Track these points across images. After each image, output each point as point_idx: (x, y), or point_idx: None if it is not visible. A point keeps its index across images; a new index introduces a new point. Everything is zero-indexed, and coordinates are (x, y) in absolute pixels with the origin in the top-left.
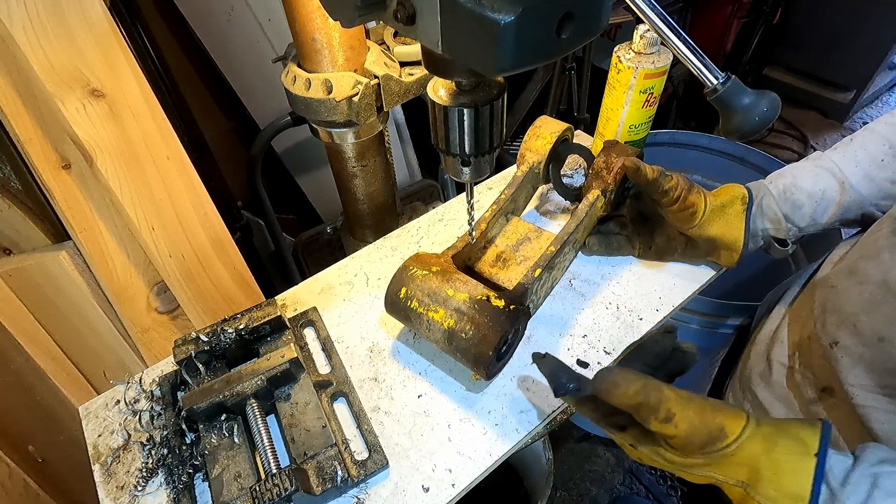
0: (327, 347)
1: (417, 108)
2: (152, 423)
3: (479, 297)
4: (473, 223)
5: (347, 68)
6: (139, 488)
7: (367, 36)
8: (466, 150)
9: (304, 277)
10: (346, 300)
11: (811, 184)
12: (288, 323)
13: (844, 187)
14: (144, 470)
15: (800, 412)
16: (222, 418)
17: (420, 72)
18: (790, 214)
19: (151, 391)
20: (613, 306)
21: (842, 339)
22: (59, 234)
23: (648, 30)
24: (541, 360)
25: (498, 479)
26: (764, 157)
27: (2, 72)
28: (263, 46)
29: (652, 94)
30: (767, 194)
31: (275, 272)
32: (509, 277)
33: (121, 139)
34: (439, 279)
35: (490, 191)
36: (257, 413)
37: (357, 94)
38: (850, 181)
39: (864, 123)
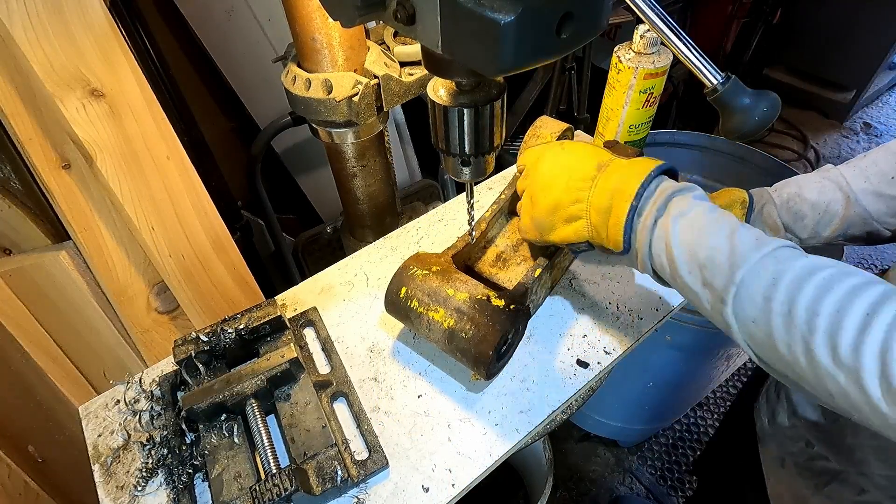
0: (327, 347)
1: (417, 108)
2: (152, 423)
3: (479, 296)
4: (473, 223)
5: (347, 68)
6: (139, 488)
7: (367, 36)
8: (466, 150)
9: (304, 277)
10: (346, 300)
11: (816, 195)
12: (288, 323)
13: (850, 201)
14: (144, 470)
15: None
16: (222, 418)
17: (420, 72)
18: (791, 224)
19: (151, 391)
20: (613, 306)
21: None
22: (59, 234)
23: (648, 30)
24: None
25: (498, 479)
26: (764, 157)
27: (2, 72)
28: (263, 46)
29: (652, 94)
30: (770, 202)
31: (275, 272)
32: (509, 277)
33: (121, 139)
34: (439, 279)
35: (490, 191)
36: (257, 413)
37: (357, 94)
38: (857, 196)
39: (865, 123)
